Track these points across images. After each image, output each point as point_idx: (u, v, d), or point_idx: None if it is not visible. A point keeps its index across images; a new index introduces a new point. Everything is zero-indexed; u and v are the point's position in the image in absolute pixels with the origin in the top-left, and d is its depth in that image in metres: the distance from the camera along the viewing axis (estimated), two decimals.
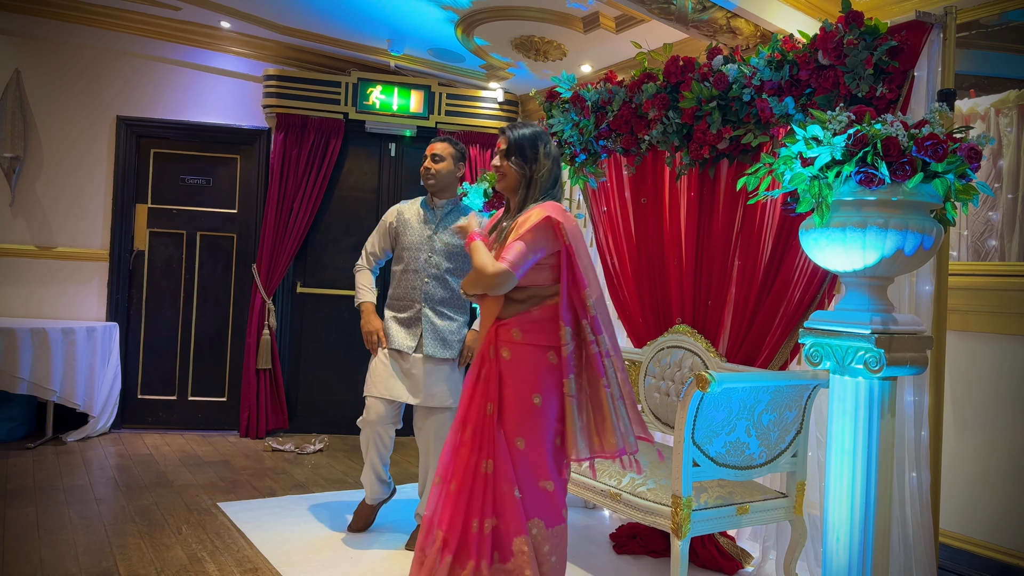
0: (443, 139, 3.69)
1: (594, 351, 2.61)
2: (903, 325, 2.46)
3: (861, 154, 2.32)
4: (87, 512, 3.74)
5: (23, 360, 4.80)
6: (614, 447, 2.57)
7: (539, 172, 2.74)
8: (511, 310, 2.69)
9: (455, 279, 3.61)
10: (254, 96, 5.75)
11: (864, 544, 2.48)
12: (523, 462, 2.61)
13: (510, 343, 2.65)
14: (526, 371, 2.62)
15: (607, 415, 2.58)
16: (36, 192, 5.42)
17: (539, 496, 2.64)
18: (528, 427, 2.60)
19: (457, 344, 3.61)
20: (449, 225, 3.66)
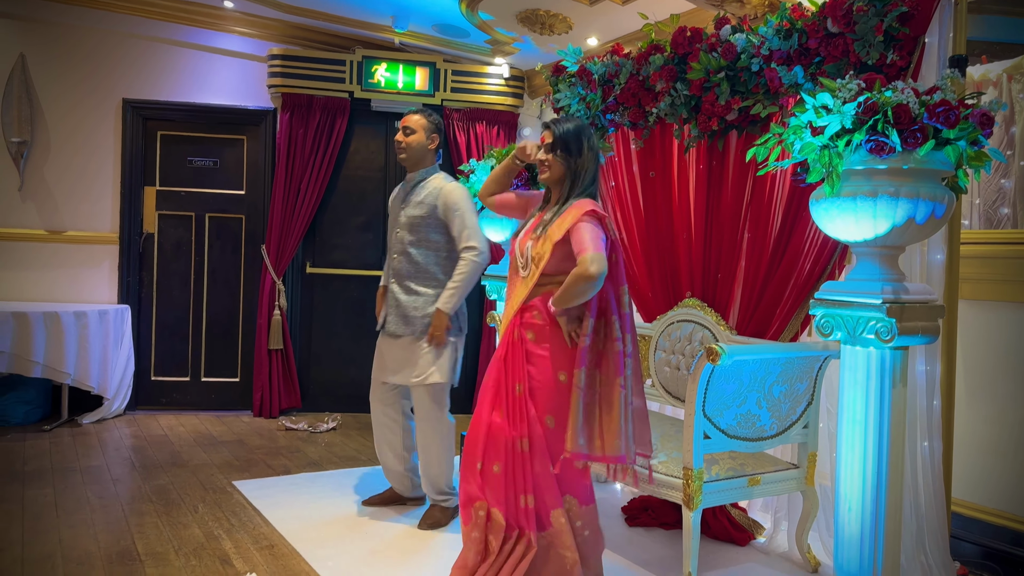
0: (416, 110, 3.60)
1: (618, 348, 2.60)
2: (914, 294, 2.45)
3: (872, 122, 2.30)
4: (104, 492, 3.78)
5: (37, 344, 4.84)
6: (615, 451, 2.55)
7: (583, 166, 2.75)
8: (535, 293, 2.72)
9: (418, 251, 3.49)
10: (259, 76, 5.73)
11: (876, 513, 2.49)
12: (554, 440, 2.64)
13: (533, 325, 2.68)
14: (550, 350, 2.65)
15: (616, 416, 2.56)
16: (44, 176, 5.44)
17: (571, 473, 2.67)
18: (556, 405, 2.64)
19: (421, 320, 3.47)
20: (415, 198, 3.53)
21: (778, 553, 3.30)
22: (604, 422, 2.56)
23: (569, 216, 2.64)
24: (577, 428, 2.54)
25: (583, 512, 2.71)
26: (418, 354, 3.47)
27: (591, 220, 2.60)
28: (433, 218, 3.48)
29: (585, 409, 2.56)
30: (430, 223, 3.49)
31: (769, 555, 3.29)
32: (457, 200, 3.47)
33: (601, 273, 2.51)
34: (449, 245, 3.53)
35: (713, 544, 3.37)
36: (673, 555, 3.23)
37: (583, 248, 2.54)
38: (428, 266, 3.50)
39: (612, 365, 2.58)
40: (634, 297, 4.01)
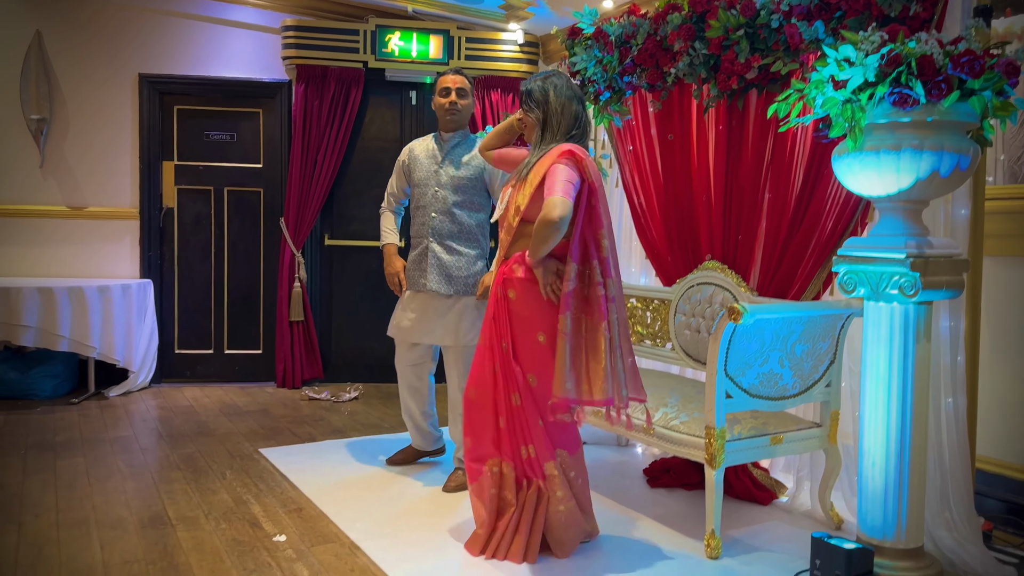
0: (460, 73, 3.64)
1: (599, 293, 2.62)
2: (939, 249, 2.44)
3: (895, 74, 2.27)
4: (134, 461, 3.85)
5: (63, 318, 4.90)
6: (604, 394, 2.58)
7: (552, 112, 2.76)
8: (516, 247, 2.79)
9: (463, 212, 3.53)
10: (273, 48, 5.72)
11: (900, 469, 2.49)
12: (539, 397, 2.74)
13: (514, 281, 2.74)
14: (530, 310, 2.72)
15: (602, 360, 2.59)
16: (64, 153, 5.47)
17: (557, 427, 2.78)
18: (536, 364, 2.73)
19: (464, 280, 3.51)
20: (456, 158, 3.58)
21: (801, 512, 3.31)
22: (591, 367, 2.59)
23: (546, 160, 2.67)
24: (564, 373, 2.58)
25: (574, 461, 2.82)
26: (462, 316, 3.52)
27: (565, 162, 2.62)
28: (480, 180, 3.57)
29: (572, 354, 2.60)
30: (477, 185, 3.57)
31: (792, 513, 3.31)
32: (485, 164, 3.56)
33: (563, 217, 2.52)
34: (488, 206, 3.63)
35: (735, 504, 3.39)
36: (696, 514, 3.25)
37: (549, 191, 2.57)
38: (472, 227, 3.57)
39: (596, 310, 2.61)
40: (653, 261, 4.01)
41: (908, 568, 2.50)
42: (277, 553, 2.81)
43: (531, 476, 2.77)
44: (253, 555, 2.79)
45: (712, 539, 2.84)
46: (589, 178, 2.65)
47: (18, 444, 4.09)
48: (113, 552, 2.79)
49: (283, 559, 2.76)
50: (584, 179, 2.64)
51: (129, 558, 2.75)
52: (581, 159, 2.65)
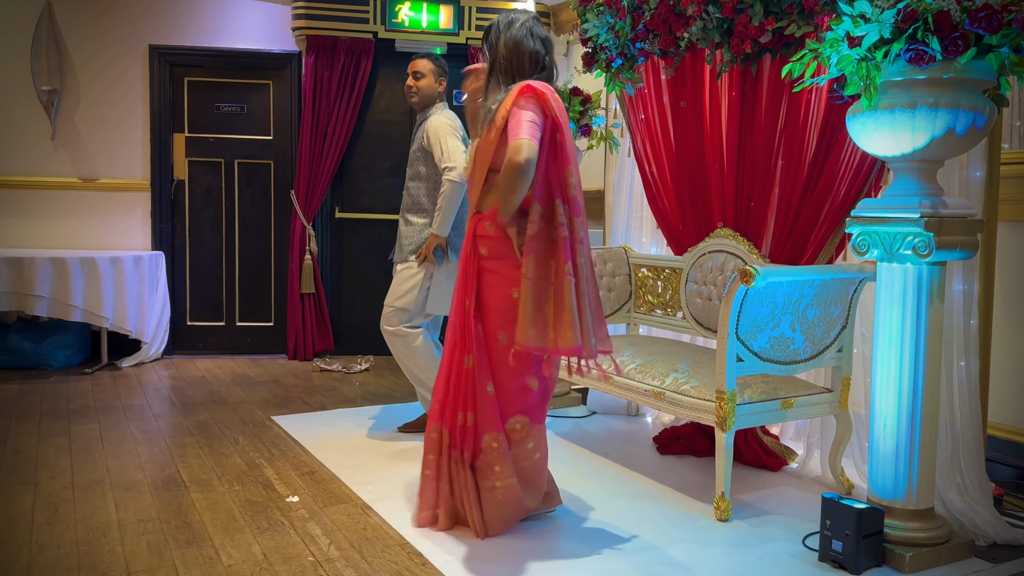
0: (424, 55, 3.83)
1: (564, 235, 2.48)
2: (953, 209, 2.42)
3: (911, 30, 2.24)
4: (147, 427, 3.88)
5: (75, 288, 4.93)
6: (569, 342, 2.44)
7: (500, 52, 2.62)
8: (488, 202, 2.65)
9: (413, 183, 3.74)
10: (283, 19, 5.70)
11: (911, 429, 2.49)
12: (503, 358, 2.60)
13: (486, 238, 2.62)
14: (503, 265, 2.60)
15: (566, 306, 2.45)
16: (76, 124, 5.49)
17: (522, 393, 2.64)
18: (507, 321, 2.58)
19: (407, 248, 3.70)
20: (416, 135, 3.78)
21: (811, 477, 3.32)
22: (556, 312, 2.45)
23: (507, 102, 2.54)
24: (528, 320, 2.44)
25: (535, 432, 2.67)
26: (396, 279, 3.71)
27: (524, 101, 2.49)
28: (421, 150, 3.73)
29: (534, 300, 2.46)
30: (419, 156, 3.74)
31: (802, 479, 3.31)
32: (436, 128, 3.66)
33: (529, 159, 2.42)
34: (436, 176, 3.71)
35: (745, 470, 3.40)
36: (705, 480, 3.26)
37: (512, 134, 2.45)
38: (419, 197, 3.74)
39: (560, 253, 2.47)
40: (664, 230, 3.99)
41: (918, 529, 2.50)
42: (290, 513, 2.83)
43: (460, 447, 2.64)
44: (267, 515, 2.82)
45: (722, 501, 2.85)
46: (552, 113, 2.51)
47: (33, 411, 4.13)
48: (128, 511, 2.83)
49: (296, 519, 2.78)
50: (547, 114, 2.50)
51: (143, 517, 2.78)
52: (542, 93, 2.50)
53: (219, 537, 2.62)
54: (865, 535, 2.42)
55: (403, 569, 2.43)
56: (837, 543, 2.46)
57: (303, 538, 2.62)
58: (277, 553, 2.51)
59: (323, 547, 2.56)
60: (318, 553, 2.51)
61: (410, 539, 2.63)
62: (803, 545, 2.65)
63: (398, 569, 2.42)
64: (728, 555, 2.58)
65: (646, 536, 2.71)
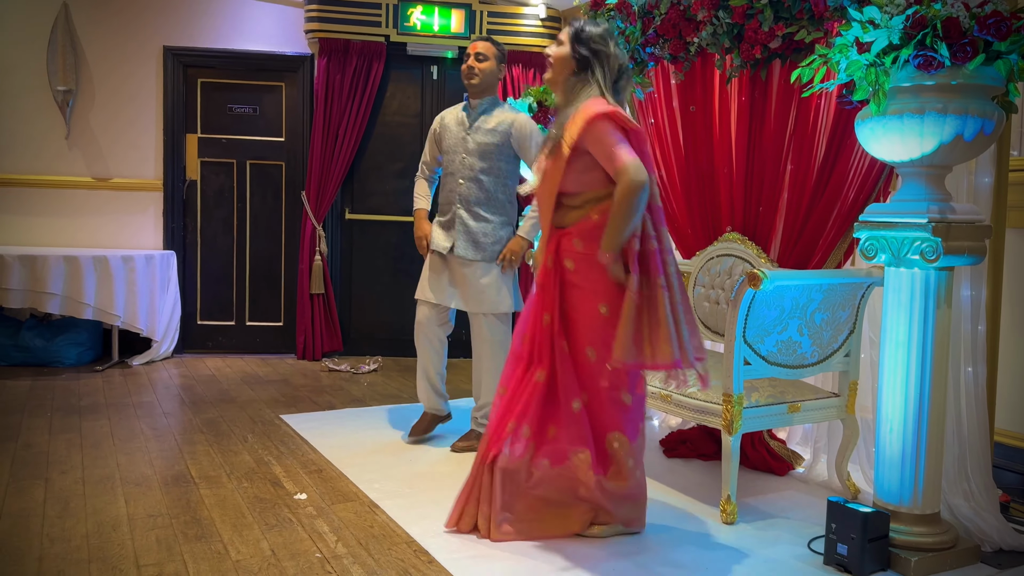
0: (485, 38, 3.69)
1: (653, 247, 2.47)
2: (961, 214, 2.43)
3: (920, 36, 2.26)
4: (157, 424, 3.91)
5: (88, 286, 4.98)
6: (667, 357, 2.41)
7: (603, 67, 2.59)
8: (569, 218, 2.61)
9: (490, 178, 3.57)
10: (297, 21, 5.74)
11: (918, 434, 2.50)
12: (594, 373, 2.57)
13: (572, 253, 2.58)
14: (591, 281, 2.56)
15: (662, 320, 2.42)
16: (90, 124, 5.54)
17: (616, 409, 2.59)
18: (597, 337, 2.55)
19: (491, 246, 3.55)
20: (483, 124, 3.59)
21: (817, 482, 3.32)
22: (651, 328, 2.43)
23: (573, 126, 2.51)
24: (627, 336, 2.42)
25: (634, 449, 2.62)
26: (486, 282, 3.56)
27: (603, 122, 2.46)
28: (507, 146, 3.58)
29: (635, 317, 2.44)
30: (503, 151, 3.58)
31: (808, 484, 3.32)
32: (533, 131, 3.59)
33: (644, 180, 2.42)
34: (516, 173, 3.65)
35: (752, 474, 3.41)
36: (712, 483, 3.27)
37: (613, 158, 2.42)
38: (497, 193, 3.60)
39: (651, 266, 2.46)
40: (673, 234, 4.00)
41: (924, 533, 2.51)
42: (298, 510, 2.86)
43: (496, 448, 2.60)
44: (275, 511, 2.84)
45: (728, 504, 2.86)
46: (631, 126, 2.50)
47: (44, 407, 4.17)
48: (138, 506, 2.85)
49: (304, 516, 2.81)
50: (627, 130, 2.49)
51: (153, 512, 2.80)
52: (612, 113, 2.49)
53: (228, 533, 2.64)
54: (871, 539, 2.43)
55: (409, 567, 2.44)
56: (842, 547, 2.47)
57: (311, 535, 2.65)
58: (285, 549, 2.53)
59: (330, 544, 2.58)
60: (325, 550, 2.54)
61: (416, 537, 2.65)
62: (808, 549, 2.66)
63: (404, 567, 2.44)
64: (733, 558, 2.59)
65: (651, 538, 2.72)
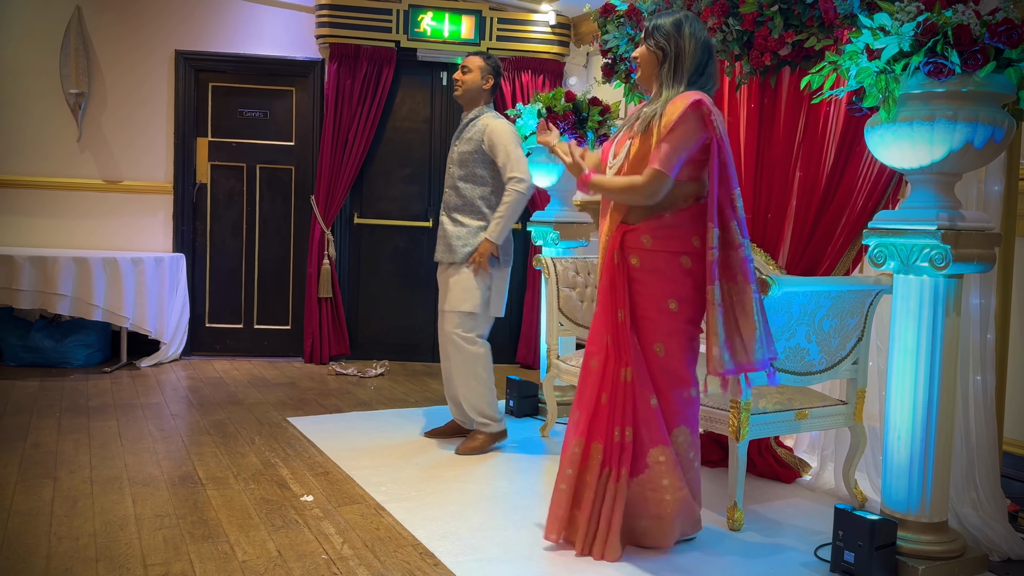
0: (475, 52, 3.82)
1: (743, 255, 2.49)
2: (971, 222, 2.43)
3: (930, 44, 2.26)
4: (164, 426, 3.93)
5: (97, 288, 5.01)
6: (761, 354, 2.47)
7: (682, 50, 2.56)
8: (639, 214, 2.59)
9: (467, 185, 3.66)
10: (307, 26, 5.77)
11: (926, 442, 2.49)
12: (663, 369, 2.58)
13: (639, 250, 2.57)
14: (659, 277, 2.56)
15: (752, 322, 2.46)
16: (101, 127, 5.58)
17: (684, 404, 2.61)
18: (666, 333, 2.56)
19: (462, 249, 3.61)
20: (465, 135, 3.69)
21: (824, 490, 3.31)
22: (744, 332, 2.47)
23: (675, 107, 2.48)
24: (720, 346, 2.45)
25: (695, 442, 2.66)
26: (456, 280, 3.63)
27: (692, 116, 2.46)
28: (480, 153, 3.64)
29: (724, 325, 2.47)
30: (476, 158, 3.65)
31: (815, 491, 3.31)
32: (501, 134, 3.61)
33: (654, 192, 2.48)
34: (495, 180, 3.68)
35: (758, 481, 3.40)
36: (718, 490, 3.26)
37: (653, 158, 2.47)
38: (474, 199, 3.65)
39: (742, 272, 2.48)
40: None
41: (931, 542, 2.49)
42: (305, 512, 2.86)
43: (615, 465, 2.54)
44: (281, 513, 2.85)
45: (734, 511, 2.86)
46: (717, 133, 2.47)
47: (52, 407, 4.19)
48: (145, 507, 2.86)
49: (310, 517, 2.81)
50: (712, 135, 2.47)
51: (160, 512, 2.81)
52: (708, 112, 2.47)
53: (234, 533, 2.65)
54: (878, 547, 2.42)
55: (415, 569, 2.45)
56: (849, 554, 2.46)
57: (317, 536, 2.65)
58: (291, 550, 2.53)
59: (336, 546, 2.58)
60: (331, 551, 2.54)
61: (423, 540, 2.65)
62: (815, 556, 2.65)
63: (410, 569, 2.44)
64: (739, 564, 2.58)
65: None
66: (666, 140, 2.48)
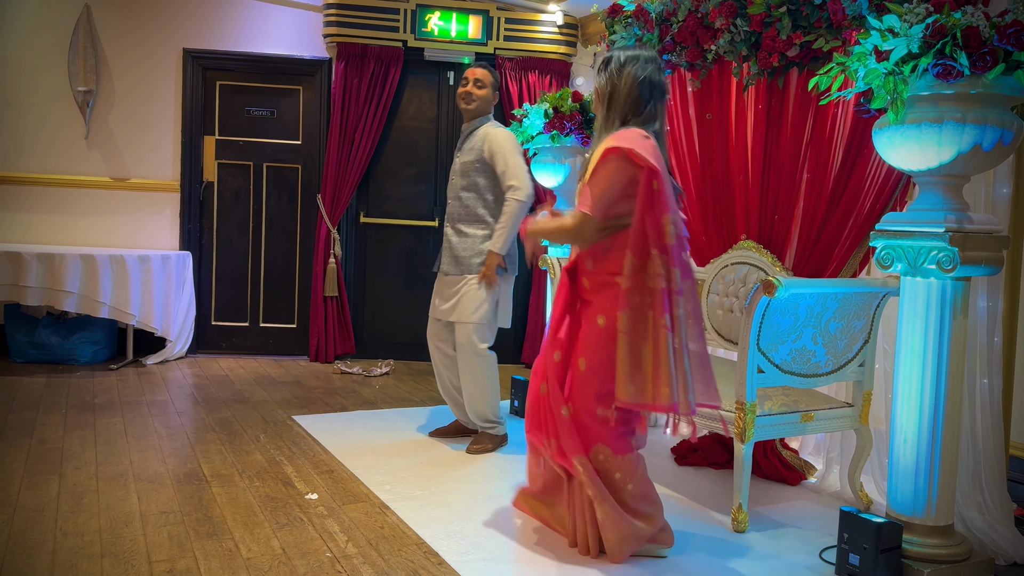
0: (483, 66, 3.80)
1: (661, 286, 2.40)
2: (979, 224, 2.42)
3: (939, 45, 2.25)
4: (170, 423, 3.93)
5: (104, 285, 5.02)
6: (665, 399, 2.38)
7: (616, 91, 2.57)
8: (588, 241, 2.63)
9: (469, 195, 3.66)
10: (315, 25, 5.78)
11: (932, 445, 2.48)
12: (582, 384, 2.56)
13: (586, 273, 2.63)
14: (599, 296, 2.59)
15: (663, 361, 2.38)
16: (109, 125, 5.59)
17: (599, 423, 2.56)
18: (589, 348, 2.56)
19: (468, 260, 3.61)
20: (467, 145, 3.70)
21: (829, 492, 3.30)
22: (655, 368, 2.40)
23: (599, 152, 2.53)
24: (626, 375, 2.42)
25: (620, 462, 2.57)
26: (464, 293, 3.61)
27: (613, 158, 2.47)
28: (480, 162, 3.65)
29: (631, 355, 2.42)
30: (478, 167, 3.66)
31: (820, 494, 3.30)
32: (501, 143, 3.61)
33: (579, 235, 2.53)
34: (496, 189, 3.68)
35: (763, 483, 3.39)
36: (723, 491, 3.25)
37: (582, 201, 2.52)
38: (476, 209, 3.66)
39: (656, 305, 2.41)
40: None
41: (937, 545, 2.49)
42: (309, 510, 2.86)
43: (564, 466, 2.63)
44: (286, 511, 2.85)
45: (739, 513, 2.85)
46: (646, 164, 2.44)
47: (59, 404, 4.20)
48: (150, 503, 2.87)
49: (315, 515, 2.81)
50: (640, 166, 2.44)
51: (165, 509, 2.82)
52: (629, 151, 2.45)
53: (239, 531, 2.66)
54: (883, 550, 2.41)
55: (419, 568, 2.45)
56: (854, 557, 2.45)
57: (321, 534, 2.65)
58: (295, 548, 2.54)
59: (341, 544, 2.59)
60: (336, 549, 2.54)
61: (427, 539, 2.65)
62: (820, 558, 2.64)
63: (414, 568, 2.45)
64: (744, 566, 2.58)
65: None
66: (591, 183, 2.53)
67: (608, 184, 2.49)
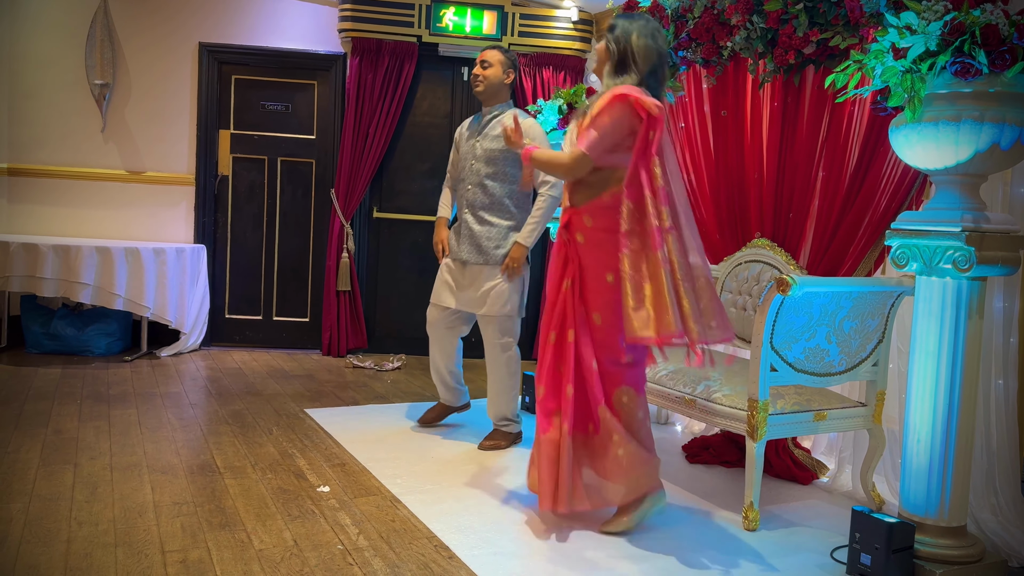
0: (492, 46, 3.76)
1: (653, 224, 2.55)
2: (995, 224, 2.40)
3: (958, 43, 2.24)
4: (184, 415, 3.96)
5: (119, 277, 5.05)
6: (669, 327, 2.50)
7: (627, 53, 2.70)
8: (582, 196, 2.77)
9: (495, 183, 3.62)
10: (330, 21, 5.79)
11: (945, 445, 2.47)
12: (601, 337, 2.73)
13: (583, 229, 2.75)
14: (599, 252, 2.71)
15: (664, 292, 2.52)
16: (125, 118, 5.63)
17: (622, 367, 2.75)
18: (602, 303, 2.72)
19: (494, 251, 3.58)
20: (491, 131, 3.67)
21: (841, 492, 3.29)
22: (657, 302, 2.54)
23: (601, 99, 2.66)
24: (632, 313, 2.55)
25: (641, 401, 2.80)
26: (490, 285, 3.58)
27: (619, 105, 2.61)
28: (511, 152, 3.59)
29: (635, 294, 2.57)
30: (508, 157, 3.61)
31: (832, 493, 3.29)
32: (535, 136, 3.56)
33: (572, 170, 2.66)
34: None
35: (775, 482, 3.38)
36: (734, 490, 3.25)
37: (581, 140, 2.63)
38: (502, 198, 3.62)
39: (650, 241, 2.56)
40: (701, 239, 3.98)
41: (949, 546, 2.47)
42: (321, 502, 2.88)
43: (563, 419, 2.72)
44: (298, 503, 2.86)
45: (750, 511, 2.85)
46: (647, 113, 2.58)
47: (74, 395, 4.23)
48: (164, 494, 2.89)
49: (326, 508, 2.83)
50: (641, 117, 2.59)
51: (178, 500, 2.84)
52: (635, 100, 2.59)
53: (251, 522, 2.67)
54: (895, 550, 2.40)
55: (430, 561, 2.46)
56: (866, 557, 2.44)
57: (333, 527, 2.67)
58: (307, 540, 2.55)
59: (352, 536, 2.60)
60: (347, 542, 2.55)
61: (438, 532, 2.66)
62: (831, 558, 2.64)
63: (425, 561, 2.46)
64: (755, 565, 2.57)
65: (672, 542, 2.71)
66: (593, 125, 2.65)
67: (611, 127, 2.63)
